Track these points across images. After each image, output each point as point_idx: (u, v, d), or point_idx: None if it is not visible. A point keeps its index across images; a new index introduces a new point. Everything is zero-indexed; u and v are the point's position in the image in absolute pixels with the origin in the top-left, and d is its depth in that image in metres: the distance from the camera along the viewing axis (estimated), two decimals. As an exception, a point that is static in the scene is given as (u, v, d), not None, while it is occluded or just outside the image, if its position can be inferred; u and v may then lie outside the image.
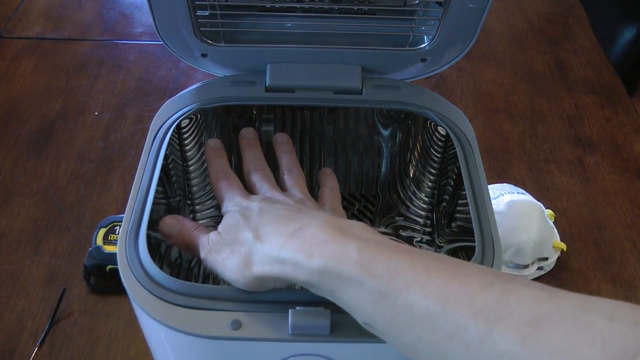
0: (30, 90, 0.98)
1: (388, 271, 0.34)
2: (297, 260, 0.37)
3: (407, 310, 0.32)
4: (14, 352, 0.66)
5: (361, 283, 0.34)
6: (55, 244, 0.76)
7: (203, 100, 0.59)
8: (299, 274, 0.37)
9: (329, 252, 0.36)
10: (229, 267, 0.42)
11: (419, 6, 0.57)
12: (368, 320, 0.36)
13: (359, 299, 0.35)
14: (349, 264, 0.35)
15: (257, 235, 0.41)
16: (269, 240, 0.40)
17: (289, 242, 0.39)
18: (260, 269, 0.40)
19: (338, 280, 0.35)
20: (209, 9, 0.56)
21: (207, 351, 0.43)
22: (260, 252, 0.40)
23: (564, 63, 1.08)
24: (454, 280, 0.32)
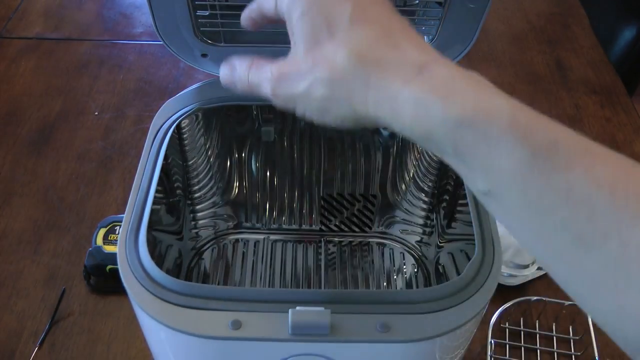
0: (30, 90, 0.98)
1: (547, 141, 0.28)
2: (427, 103, 0.30)
3: (564, 190, 0.27)
4: (14, 352, 0.66)
5: (512, 147, 0.28)
6: (55, 244, 0.76)
7: (203, 100, 0.59)
8: (422, 119, 0.30)
9: (474, 102, 0.29)
10: (314, 99, 0.33)
11: (419, 6, 0.57)
12: (498, 190, 0.29)
13: (502, 164, 0.29)
14: (500, 121, 0.29)
15: (360, 56, 0.32)
16: (381, 71, 0.31)
17: (416, 80, 0.30)
18: (363, 106, 0.32)
19: (479, 138, 0.29)
20: (209, 9, 0.56)
21: (207, 351, 0.43)
22: (366, 83, 0.31)
23: (564, 63, 1.08)
24: (622, 171, 0.27)
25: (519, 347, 0.67)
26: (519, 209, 0.29)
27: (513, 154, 0.28)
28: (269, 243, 0.73)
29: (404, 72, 0.31)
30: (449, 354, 0.47)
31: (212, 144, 0.66)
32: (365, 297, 0.43)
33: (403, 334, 0.41)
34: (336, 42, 0.32)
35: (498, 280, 0.45)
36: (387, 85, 0.31)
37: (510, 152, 0.28)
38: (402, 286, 0.70)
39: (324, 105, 0.33)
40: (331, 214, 0.73)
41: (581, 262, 0.27)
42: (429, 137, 0.30)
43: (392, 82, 0.31)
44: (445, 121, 0.29)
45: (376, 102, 0.31)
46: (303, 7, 0.34)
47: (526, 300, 0.70)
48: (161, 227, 0.57)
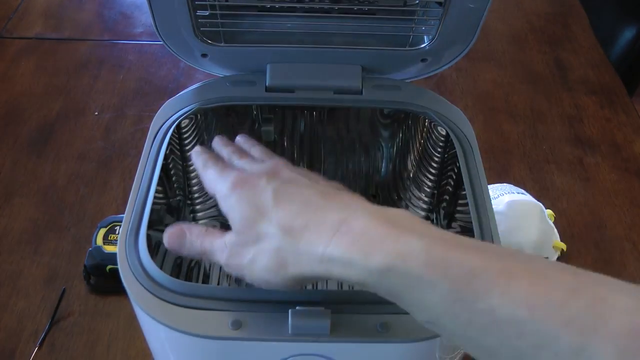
0: (30, 90, 0.98)
1: (462, 273, 0.31)
2: (350, 260, 0.33)
3: (488, 314, 0.30)
4: (14, 352, 0.66)
5: (433, 284, 0.31)
6: (55, 244, 0.76)
7: (203, 100, 0.59)
8: (351, 273, 0.33)
9: (390, 250, 0.32)
10: (259, 270, 0.37)
11: (419, 6, 0.57)
12: (435, 321, 0.33)
13: (427, 300, 0.32)
14: (417, 264, 0.32)
15: (286, 229, 0.36)
16: (306, 237, 0.35)
17: (336, 239, 0.34)
18: (298, 269, 0.35)
19: (403, 281, 0.32)
20: (209, 9, 0.56)
21: (207, 351, 0.43)
22: (295, 251, 0.35)
23: (564, 63, 1.08)
24: (537, 284, 0.29)
25: (519, 347, 0.67)
26: (458, 334, 0.32)
27: (434, 290, 0.31)
28: (269, 243, 0.73)
29: (325, 231, 0.35)
30: (449, 354, 0.47)
31: (212, 144, 0.66)
32: (365, 297, 0.43)
33: (403, 334, 0.41)
34: (267, 220, 0.37)
35: (498, 280, 0.45)
36: (313, 249, 0.35)
37: (432, 289, 0.31)
38: (402, 286, 0.70)
39: (266, 275, 0.37)
40: (331, 214, 0.73)
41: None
42: (363, 285, 0.34)
43: (317, 245, 0.35)
44: (370, 272, 0.33)
45: (309, 265, 0.35)
46: (235, 197, 0.39)
47: (526, 300, 0.70)
48: (161, 227, 0.57)
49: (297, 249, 0.35)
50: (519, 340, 0.29)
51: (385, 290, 0.34)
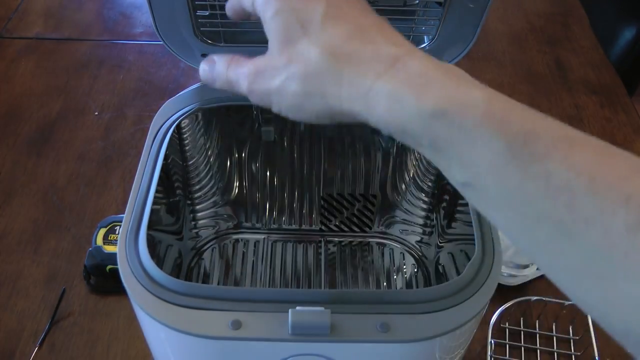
0: (30, 90, 0.98)
1: (523, 131, 0.28)
2: (401, 97, 0.30)
3: (542, 179, 0.27)
4: (14, 352, 0.66)
5: (488, 138, 0.28)
6: (55, 244, 0.76)
7: (203, 100, 0.59)
8: (396, 114, 0.30)
9: (448, 94, 0.29)
10: (289, 96, 0.33)
11: (419, 6, 0.57)
12: (476, 182, 0.29)
13: (477, 155, 0.28)
14: (474, 113, 0.28)
15: (332, 52, 0.32)
16: (354, 65, 0.31)
17: (389, 74, 0.30)
18: (336, 100, 0.32)
19: (454, 130, 0.29)
20: (209, 9, 0.56)
21: (207, 351, 0.43)
22: (337, 78, 0.31)
23: (564, 63, 1.08)
24: (601, 157, 0.27)
25: (519, 347, 0.67)
26: (499, 199, 0.29)
27: (489, 145, 0.28)
28: (269, 243, 0.73)
29: (377, 66, 0.31)
30: (449, 354, 0.47)
31: (212, 144, 0.66)
32: (365, 297, 0.43)
33: (403, 334, 0.41)
34: (309, 39, 0.32)
35: (498, 280, 0.45)
36: (360, 80, 0.31)
37: (486, 144, 0.28)
38: (402, 286, 0.70)
39: (298, 102, 0.33)
40: (331, 214, 0.73)
41: (564, 251, 0.27)
42: (405, 131, 0.30)
43: (365, 77, 0.31)
44: (419, 114, 0.29)
45: (350, 97, 0.31)
46: (276, 7, 0.34)
47: (526, 300, 0.70)
48: (161, 227, 0.57)
49: (340, 76, 0.31)
50: (568, 212, 0.26)
51: (429, 139, 0.30)
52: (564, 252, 0.27)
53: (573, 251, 0.27)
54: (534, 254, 0.29)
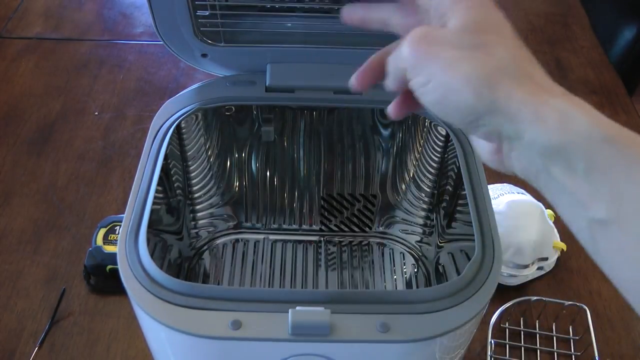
0: (30, 90, 0.98)
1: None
2: (574, 116, 0.30)
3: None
4: (14, 352, 0.66)
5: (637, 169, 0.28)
6: (55, 244, 0.76)
7: (203, 100, 0.59)
8: (564, 130, 0.29)
9: (616, 125, 0.30)
10: (456, 71, 0.31)
11: (419, 6, 0.57)
12: (619, 218, 0.29)
13: (631, 187, 0.28)
14: (635, 143, 0.29)
15: (518, 55, 0.32)
16: (534, 79, 0.32)
17: (564, 97, 0.31)
18: (506, 98, 0.30)
19: (619, 157, 0.29)
20: (209, 9, 0.56)
21: (207, 351, 0.43)
22: (518, 79, 0.31)
23: (564, 63, 1.08)
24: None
25: (519, 347, 0.67)
26: (637, 241, 0.28)
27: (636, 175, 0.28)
28: (268, 243, 0.73)
29: (551, 87, 0.32)
30: (449, 354, 0.47)
31: (212, 144, 0.66)
32: (365, 297, 0.43)
33: (403, 334, 0.41)
34: (499, 38, 0.33)
35: (498, 280, 0.45)
36: (537, 90, 0.31)
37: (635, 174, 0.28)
38: (402, 286, 0.70)
39: (455, 83, 0.31)
40: (331, 214, 0.73)
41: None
42: (563, 150, 0.30)
43: (543, 90, 0.31)
44: (589, 135, 0.29)
45: (523, 100, 0.30)
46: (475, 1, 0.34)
47: (526, 300, 0.70)
48: (161, 227, 0.57)
49: (521, 79, 0.31)
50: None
51: (586, 161, 0.29)
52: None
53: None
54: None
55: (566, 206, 0.31)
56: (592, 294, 0.73)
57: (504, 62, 0.32)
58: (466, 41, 0.32)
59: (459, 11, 0.33)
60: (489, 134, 0.32)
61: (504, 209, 0.71)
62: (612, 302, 0.72)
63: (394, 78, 0.36)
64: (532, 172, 0.32)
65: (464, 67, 0.31)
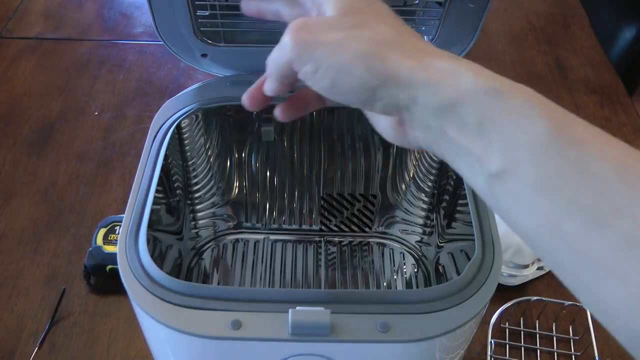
0: (30, 90, 0.98)
1: (565, 117, 0.29)
2: (459, 73, 0.30)
3: (578, 164, 0.27)
4: (14, 352, 0.66)
5: (534, 119, 0.29)
6: (55, 244, 0.76)
7: (203, 100, 0.59)
8: (451, 89, 0.30)
9: (501, 79, 0.31)
10: (344, 51, 0.32)
11: (419, 6, 0.57)
12: (512, 168, 0.29)
13: (520, 137, 0.29)
14: (525, 95, 0.30)
15: (398, 31, 0.33)
16: (417, 46, 0.32)
17: (447, 57, 0.32)
18: (396, 66, 0.31)
19: (505, 108, 0.29)
20: (209, 9, 0.56)
21: (207, 351, 0.43)
22: (404, 48, 0.32)
23: (564, 63, 1.08)
24: (632, 151, 0.28)
25: (519, 347, 0.67)
26: (530, 188, 0.28)
27: (534, 125, 0.29)
28: (269, 243, 0.73)
29: (440, 53, 0.32)
30: (449, 354, 0.47)
31: (212, 144, 0.66)
32: (365, 297, 0.43)
33: (403, 334, 0.41)
34: (375, 16, 0.34)
35: (498, 280, 0.45)
36: (422, 55, 0.32)
37: (533, 124, 0.29)
38: (402, 286, 0.70)
39: (346, 62, 0.32)
40: (331, 214, 0.73)
41: (591, 244, 0.27)
42: (453, 107, 0.30)
43: (426, 54, 0.32)
44: (475, 90, 0.30)
45: (411, 67, 0.31)
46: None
47: (526, 300, 0.70)
48: (161, 227, 0.57)
49: (405, 47, 0.32)
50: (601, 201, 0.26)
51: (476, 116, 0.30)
52: (590, 245, 0.27)
53: (600, 244, 0.26)
54: (555, 252, 0.29)
55: (466, 167, 0.31)
56: (592, 294, 0.73)
57: (388, 35, 0.32)
58: (347, 23, 0.33)
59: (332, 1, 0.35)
60: (386, 107, 0.33)
61: (504, 209, 0.71)
62: (612, 302, 0.72)
63: (279, 75, 0.36)
64: (431, 138, 0.33)
65: (351, 45, 0.32)
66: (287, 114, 0.41)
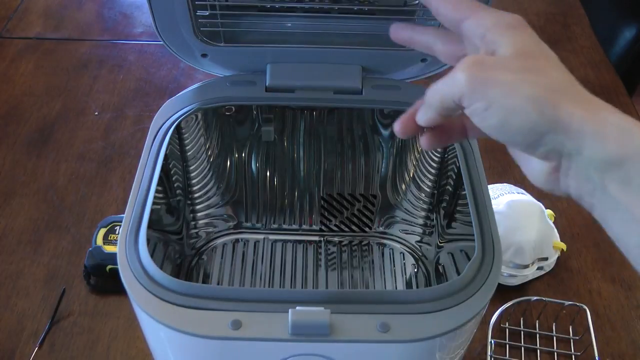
0: (30, 90, 0.98)
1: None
2: (632, 131, 0.31)
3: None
4: (14, 352, 0.66)
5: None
6: (55, 244, 0.76)
7: (203, 100, 0.59)
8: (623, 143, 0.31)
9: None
10: (518, 93, 0.32)
11: (419, 6, 0.57)
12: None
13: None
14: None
15: (571, 80, 0.34)
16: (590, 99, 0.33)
17: (619, 114, 0.32)
18: (567, 116, 0.31)
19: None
20: (209, 9, 0.56)
21: (207, 351, 0.43)
22: (577, 98, 0.32)
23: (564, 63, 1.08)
24: None
25: (519, 347, 0.67)
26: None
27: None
28: (268, 243, 0.73)
29: (605, 105, 0.33)
30: (449, 354, 0.47)
31: (212, 144, 0.66)
32: (365, 297, 0.43)
33: (403, 334, 0.41)
34: (548, 62, 0.34)
35: (498, 280, 0.45)
36: (594, 108, 0.32)
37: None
38: (402, 286, 0.70)
39: (517, 105, 0.32)
40: (331, 214, 0.73)
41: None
42: (621, 163, 0.31)
43: (600, 108, 0.32)
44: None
45: (583, 117, 0.31)
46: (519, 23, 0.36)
47: (526, 300, 0.70)
48: (161, 227, 0.57)
49: (579, 98, 0.32)
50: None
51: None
52: None
53: None
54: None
55: (619, 223, 0.32)
56: (592, 294, 0.73)
57: (560, 83, 0.33)
58: (521, 66, 0.33)
59: (508, 39, 0.35)
60: (548, 153, 0.33)
61: (504, 209, 0.71)
62: (612, 302, 0.72)
63: (441, 107, 0.36)
64: (587, 189, 0.33)
65: (525, 88, 0.32)
66: (430, 143, 0.42)
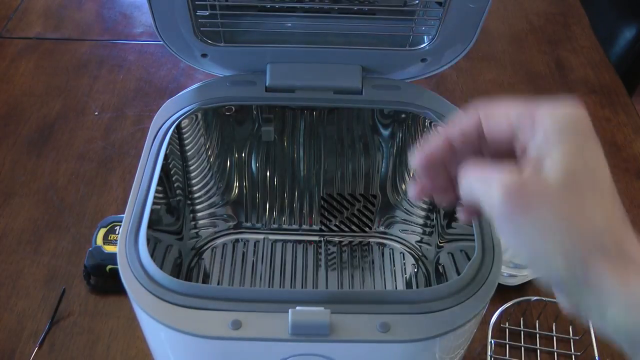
0: (30, 90, 0.98)
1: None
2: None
3: None
4: (14, 352, 0.66)
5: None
6: (55, 244, 0.76)
7: (203, 100, 0.59)
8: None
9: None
10: (552, 237, 0.30)
11: (419, 6, 0.57)
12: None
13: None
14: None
15: (611, 224, 0.31)
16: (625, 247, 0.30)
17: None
18: (601, 274, 0.29)
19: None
20: (209, 9, 0.56)
21: (207, 351, 0.43)
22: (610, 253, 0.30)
23: (564, 63, 1.08)
24: None
25: (519, 347, 0.67)
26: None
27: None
28: (268, 243, 0.73)
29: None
30: (449, 354, 0.47)
31: (212, 144, 0.66)
32: (365, 297, 0.43)
33: (403, 334, 0.41)
34: (595, 195, 0.31)
35: (498, 280, 0.45)
36: (629, 272, 0.29)
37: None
38: (402, 286, 0.70)
39: (550, 250, 0.30)
40: (331, 214, 0.73)
41: None
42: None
43: (631, 271, 0.29)
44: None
45: (613, 285, 0.29)
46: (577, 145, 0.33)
47: (526, 300, 0.70)
48: (161, 227, 0.57)
49: (612, 251, 0.30)
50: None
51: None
52: None
53: None
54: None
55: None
56: (592, 294, 0.73)
57: (600, 230, 0.30)
58: (564, 199, 0.30)
59: (558, 156, 0.32)
60: (571, 300, 0.31)
61: (504, 209, 0.71)
62: (612, 302, 0.72)
63: (466, 202, 0.34)
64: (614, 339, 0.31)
65: (561, 235, 0.30)
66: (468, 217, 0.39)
